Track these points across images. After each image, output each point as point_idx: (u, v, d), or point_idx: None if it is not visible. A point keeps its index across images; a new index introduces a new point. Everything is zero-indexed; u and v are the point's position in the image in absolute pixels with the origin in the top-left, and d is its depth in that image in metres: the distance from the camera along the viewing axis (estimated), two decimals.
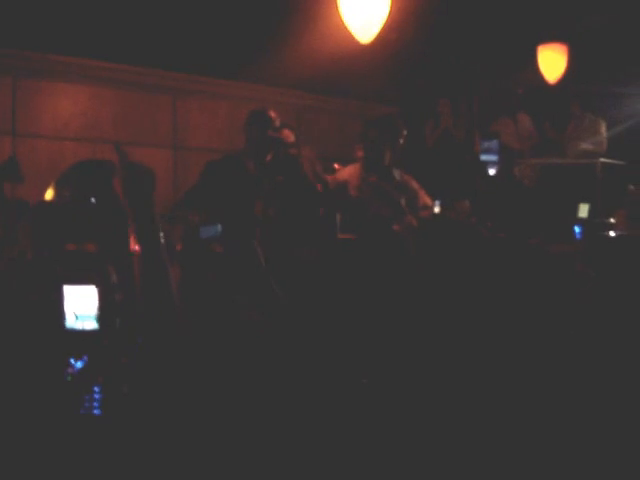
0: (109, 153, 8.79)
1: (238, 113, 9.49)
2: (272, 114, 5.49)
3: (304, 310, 4.06)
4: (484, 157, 6.27)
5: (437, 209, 6.54)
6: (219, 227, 3.90)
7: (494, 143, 5.90)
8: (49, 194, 8.29)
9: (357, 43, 7.28)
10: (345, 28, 7.03)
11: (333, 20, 7.44)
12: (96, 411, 3.56)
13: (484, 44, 9.63)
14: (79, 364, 3.71)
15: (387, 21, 7.21)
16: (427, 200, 6.21)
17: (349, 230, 5.13)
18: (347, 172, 5.47)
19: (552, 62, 10.26)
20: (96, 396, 3.61)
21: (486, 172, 6.70)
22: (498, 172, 6.81)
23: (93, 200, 8.91)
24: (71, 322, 3.82)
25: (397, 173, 5.49)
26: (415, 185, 5.53)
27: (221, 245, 3.85)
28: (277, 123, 5.55)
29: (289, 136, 6.56)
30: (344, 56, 8.20)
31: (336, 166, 6.24)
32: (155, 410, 3.51)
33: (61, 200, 7.58)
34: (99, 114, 8.55)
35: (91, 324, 3.80)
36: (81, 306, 3.79)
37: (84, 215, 6.46)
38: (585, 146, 9.59)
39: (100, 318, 3.74)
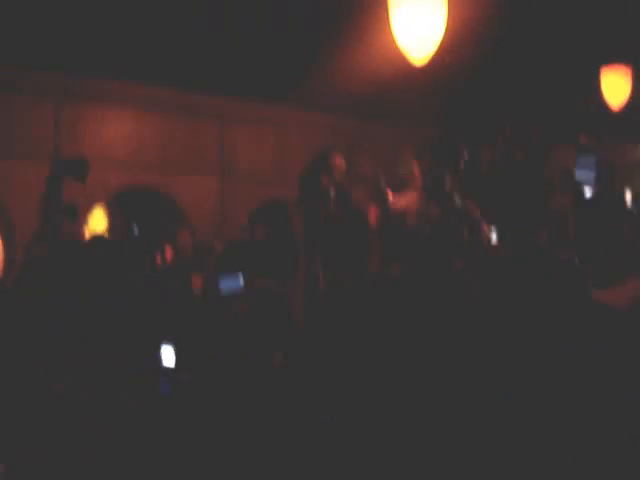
0: (154, 179, 8.61)
1: (287, 139, 9.23)
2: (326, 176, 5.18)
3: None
4: (579, 175, 5.58)
5: (494, 237, 6.09)
6: (241, 279, 3.24)
7: (590, 159, 5.30)
8: (100, 223, 8.08)
9: (410, 67, 6.91)
10: (398, 49, 6.68)
11: (386, 42, 7.11)
12: None
13: (542, 69, 9.24)
14: None
15: (442, 43, 6.84)
16: (486, 229, 5.78)
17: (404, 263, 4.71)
18: (405, 200, 5.07)
19: (616, 86, 9.75)
20: None
21: (582, 193, 6.06)
22: (596, 192, 6.14)
23: (136, 230, 8.68)
24: None
25: (458, 199, 5.07)
26: (477, 213, 5.10)
27: (245, 303, 3.25)
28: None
29: (340, 163, 6.25)
30: (397, 81, 7.86)
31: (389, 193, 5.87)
32: None
33: (115, 230, 7.34)
34: (144, 139, 8.33)
35: None
36: None
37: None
38: None
39: None
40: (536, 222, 5.59)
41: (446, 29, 6.67)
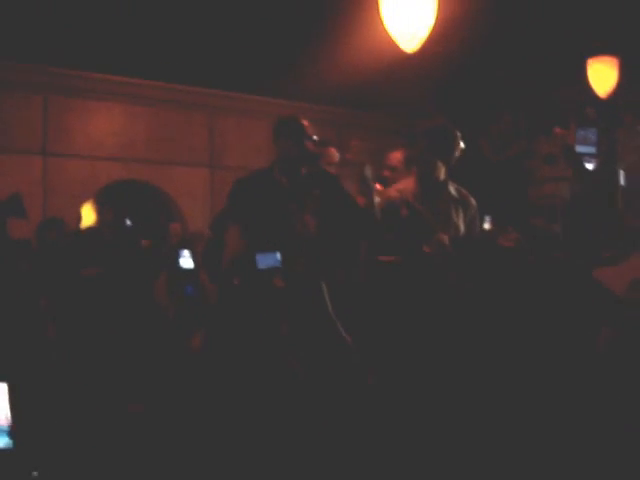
0: (144, 172, 8.57)
1: None
2: (305, 122, 5.11)
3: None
4: (580, 149, 5.54)
5: (487, 225, 6.03)
6: (278, 256, 3.31)
7: (592, 132, 5.25)
8: (89, 218, 8.04)
9: (400, 55, 6.86)
10: (388, 38, 6.62)
11: (375, 30, 7.05)
12: None
13: (532, 57, 9.23)
14: None
15: (432, 32, 6.80)
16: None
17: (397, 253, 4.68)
18: (400, 188, 5.01)
19: (603, 75, 9.81)
20: None
21: (582, 167, 5.99)
22: (598, 166, 6.04)
23: (129, 222, 8.62)
24: None
25: (453, 189, 5.02)
26: (474, 203, 5.05)
27: (283, 279, 3.29)
28: (311, 132, 5.16)
29: (334, 155, 6.19)
30: (386, 70, 7.83)
31: (378, 186, 5.82)
32: None
33: (105, 224, 7.29)
34: (133, 133, 8.27)
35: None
36: None
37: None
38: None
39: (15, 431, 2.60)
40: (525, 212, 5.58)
41: (436, 17, 6.63)
